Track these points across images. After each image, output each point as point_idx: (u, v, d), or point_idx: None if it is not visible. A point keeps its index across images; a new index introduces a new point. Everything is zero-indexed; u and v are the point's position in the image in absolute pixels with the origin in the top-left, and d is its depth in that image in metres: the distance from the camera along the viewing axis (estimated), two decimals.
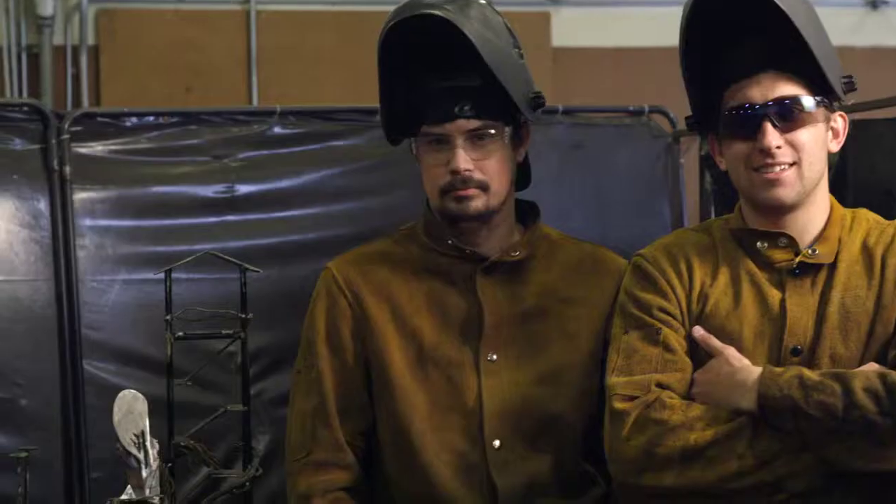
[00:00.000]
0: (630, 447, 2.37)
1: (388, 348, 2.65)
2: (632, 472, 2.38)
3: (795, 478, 2.30)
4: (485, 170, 2.62)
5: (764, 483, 2.31)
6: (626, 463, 2.38)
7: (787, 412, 2.28)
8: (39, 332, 4.15)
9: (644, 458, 2.35)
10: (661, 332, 2.44)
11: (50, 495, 4.03)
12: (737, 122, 2.44)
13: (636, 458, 2.36)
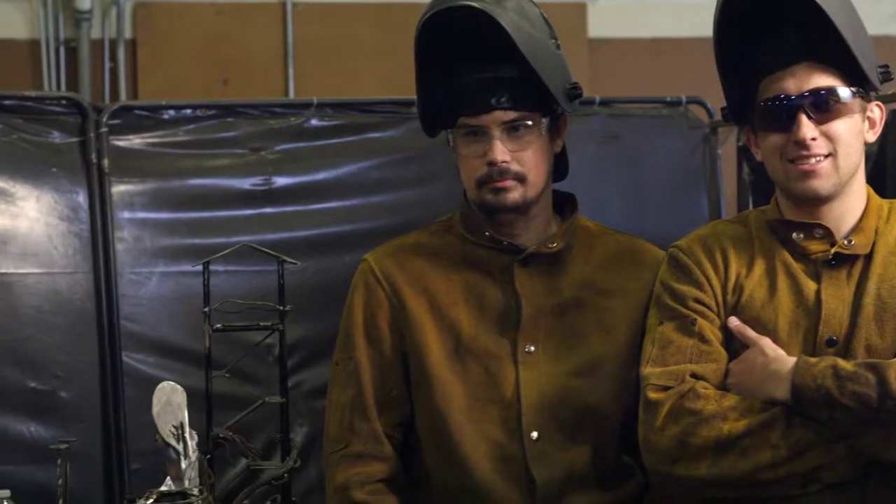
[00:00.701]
0: (664, 437, 2.36)
1: (426, 340, 2.65)
2: (665, 462, 2.37)
3: (829, 469, 2.29)
4: (522, 161, 2.62)
5: (797, 474, 2.30)
6: (660, 453, 2.38)
7: (821, 402, 2.27)
8: (79, 324, 4.17)
9: (678, 448, 2.35)
10: (697, 323, 2.44)
11: (90, 487, 4.05)
12: (772, 113, 2.43)
13: (670, 448, 2.36)
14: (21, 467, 3.97)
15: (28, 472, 3.95)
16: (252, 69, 5.79)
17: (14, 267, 4.12)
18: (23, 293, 4.12)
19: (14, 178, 4.17)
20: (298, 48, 5.82)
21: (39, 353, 4.12)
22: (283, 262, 3.24)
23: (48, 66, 5.78)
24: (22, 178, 4.18)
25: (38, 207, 4.17)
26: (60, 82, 5.81)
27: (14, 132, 4.20)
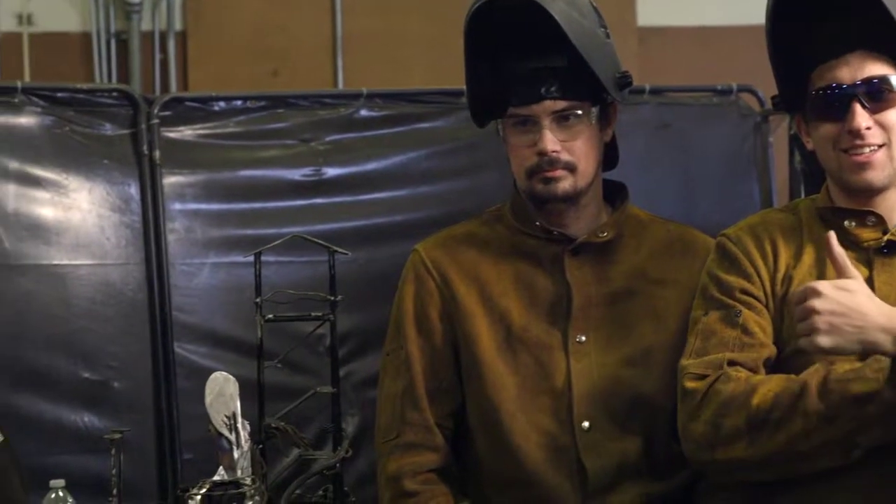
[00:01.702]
0: (699, 424, 2.35)
1: (477, 330, 2.66)
2: (704, 449, 2.36)
3: (864, 432, 2.25)
4: (572, 151, 2.62)
5: (833, 441, 2.26)
6: (697, 440, 2.36)
7: None
8: (131, 315, 4.19)
9: (713, 432, 2.33)
10: (741, 315, 2.42)
11: (143, 476, 4.07)
12: (824, 102, 2.42)
13: (705, 433, 2.34)
14: (75, 457, 4.00)
15: (82, 461, 3.98)
16: (301, 60, 5.80)
17: (67, 258, 4.15)
18: (75, 284, 4.14)
19: (66, 170, 4.19)
20: (347, 39, 5.83)
21: (92, 344, 4.14)
22: (334, 252, 3.25)
23: (99, 59, 5.82)
24: (74, 170, 4.21)
25: (91, 199, 4.20)
26: (111, 74, 5.85)
27: (66, 124, 4.22)
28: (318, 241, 3.26)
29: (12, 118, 4.16)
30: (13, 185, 4.12)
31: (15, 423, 3.10)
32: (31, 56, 5.75)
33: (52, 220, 4.14)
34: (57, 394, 4.07)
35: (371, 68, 5.72)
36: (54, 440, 4.03)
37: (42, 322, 4.10)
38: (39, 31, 5.80)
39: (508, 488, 2.62)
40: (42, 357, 4.07)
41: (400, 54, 5.72)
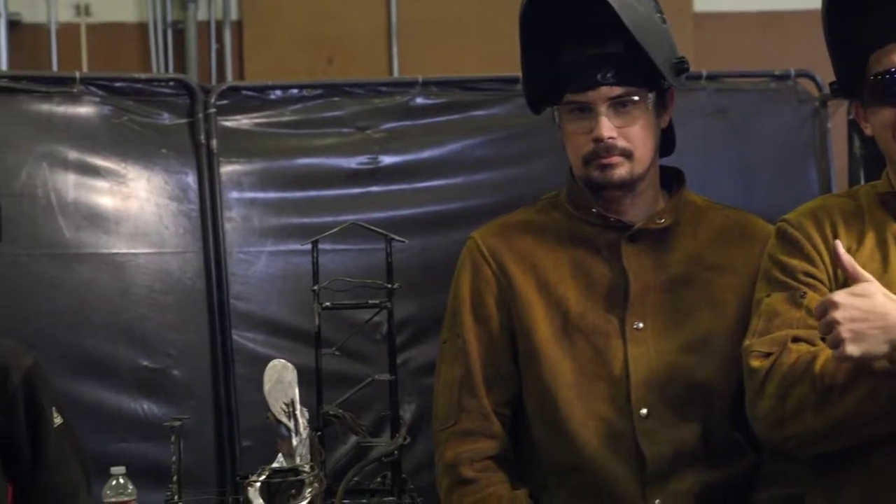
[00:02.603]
0: (764, 400, 2.32)
1: (534, 317, 2.65)
2: (773, 426, 2.32)
3: None
4: (628, 137, 2.61)
5: None
6: (765, 417, 2.33)
7: None
8: (189, 303, 4.22)
9: (779, 406, 2.29)
10: (806, 296, 2.39)
11: (202, 464, 4.10)
12: (882, 87, 2.39)
13: (772, 408, 2.30)
14: (135, 444, 4.03)
15: (142, 449, 4.01)
16: (356, 48, 5.82)
17: (126, 247, 4.18)
18: (134, 273, 4.18)
19: (125, 160, 4.22)
20: (402, 26, 5.83)
21: (151, 332, 4.17)
22: (392, 240, 3.25)
23: (156, 49, 5.85)
24: (132, 160, 4.24)
25: (149, 188, 4.23)
26: (168, 64, 5.89)
27: (124, 114, 4.25)
28: (376, 229, 3.27)
29: (71, 108, 4.20)
30: (72, 174, 4.16)
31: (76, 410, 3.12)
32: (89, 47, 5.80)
33: (110, 210, 4.18)
34: (117, 382, 4.10)
35: (426, 56, 5.73)
36: (114, 428, 4.06)
37: (102, 310, 4.14)
38: (97, 22, 5.85)
39: (566, 475, 2.61)
40: (102, 345, 4.10)
41: (455, 41, 5.72)
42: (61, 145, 4.18)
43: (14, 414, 2.67)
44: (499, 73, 4.50)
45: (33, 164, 4.13)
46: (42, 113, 4.20)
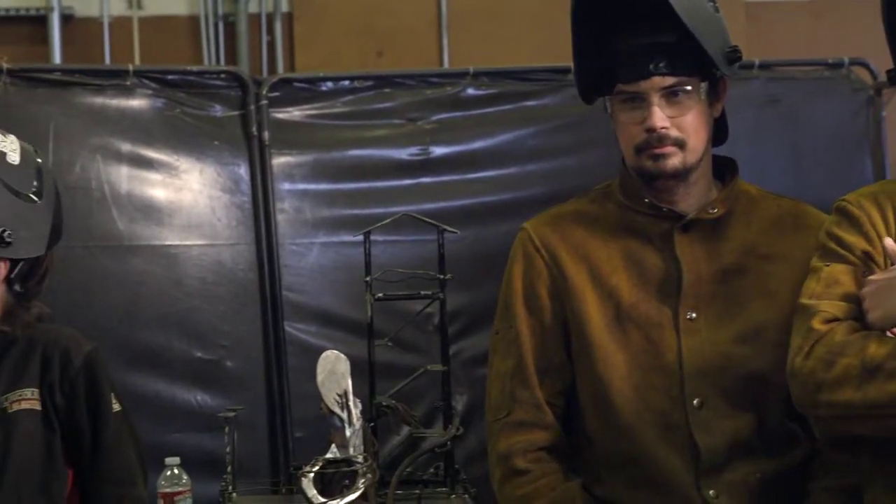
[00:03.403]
0: (810, 360, 2.27)
1: (586, 308, 2.64)
2: (811, 389, 2.28)
3: None
4: (681, 127, 2.59)
5: None
6: (805, 378, 2.28)
7: None
8: (242, 294, 4.25)
9: (823, 370, 2.25)
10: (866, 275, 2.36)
11: (255, 454, 4.13)
12: None
13: (814, 370, 2.27)
14: (189, 435, 4.07)
15: (196, 439, 4.04)
16: (407, 39, 5.80)
17: (179, 239, 4.21)
18: (188, 265, 4.21)
19: (178, 152, 4.25)
20: (452, 17, 5.82)
21: (204, 324, 4.20)
22: (443, 231, 3.26)
23: (207, 42, 5.87)
24: (185, 152, 4.27)
25: (202, 180, 4.25)
26: (220, 57, 5.90)
27: (177, 106, 4.28)
28: (428, 220, 3.28)
29: (124, 101, 4.23)
30: (126, 167, 4.19)
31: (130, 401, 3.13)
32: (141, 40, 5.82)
33: (163, 202, 4.21)
34: (171, 373, 4.13)
35: (476, 47, 5.71)
36: (168, 419, 4.10)
37: (155, 302, 4.17)
38: (149, 15, 5.86)
39: (620, 466, 2.61)
40: (156, 337, 4.14)
41: (506, 32, 5.70)
42: (115, 138, 4.21)
43: (75, 398, 2.70)
44: (550, 63, 4.50)
45: (87, 156, 4.17)
46: (95, 106, 4.23)
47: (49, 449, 2.68)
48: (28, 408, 2.65)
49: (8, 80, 4.17)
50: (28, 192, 2.68)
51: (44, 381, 2.68)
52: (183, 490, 3.51)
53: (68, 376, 2.69)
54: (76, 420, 2.71)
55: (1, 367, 2.67)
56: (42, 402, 2.67)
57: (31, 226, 2.68)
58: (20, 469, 2.63)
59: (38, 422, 2.66)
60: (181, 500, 3.48)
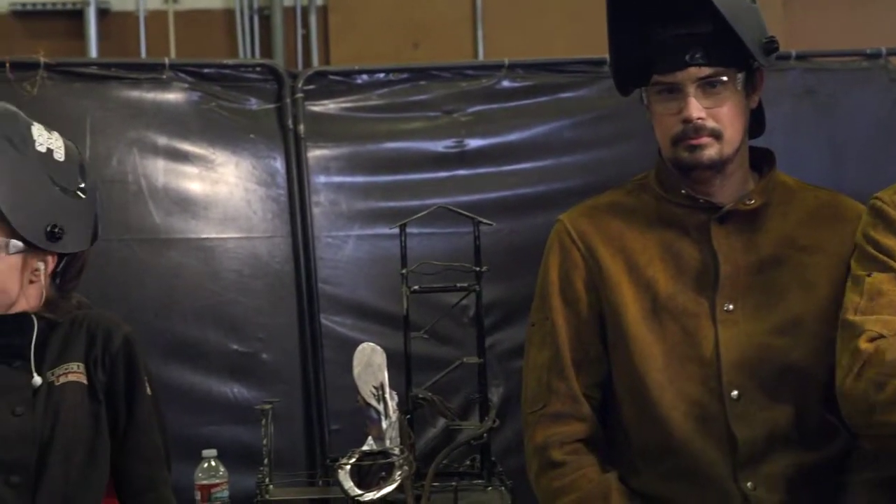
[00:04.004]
0: (860, 382, 2.28)
1: (623, 299, 2.64)
2: (862, 411, 2.30)
3: None
4: (717, 118, 2.58)
5: None
6: (856, 400, 2.30)
7: None
8: (278, 287, 4.25)
9: (874, 392, 2.26)
10: None
11: (292, 447, 4.13)
12: None
13: (866, 392, 2.28)
14: (225, 427, 4.08)
15: (232, 431, 4.05)
16: (441, 32, 5.81)
17: (215, 232, 4.22)
18: (224, 257, 4.22)
19: (213, 145, 4.26)
20: (487, 9, 5.82)
21: (241, 316, 4.21)
22: (479, 223, 3.25)
23: (242, 35, 5.89)
24: (221, 145, 4.27)
25: (237, 173, 4.26)
26: (255, 50, 5.92)
27: (213, 100, 4.29)
28: (463, 212, 3.28)
29: (160, 94, 4.24)
30: (162, 160, 4.21)
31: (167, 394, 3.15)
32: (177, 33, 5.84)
33: (199, 195, 4.22)
34: (207, 365, 4.15)
35: (511, 38, 5.71)
36: (205, 411, 4.11)
37: (191, 295, 4.18)
38: (184, 9, 5.89)
39: (657, 458, 2.60)
40: (192, 329, 4.15)
41: (541, 23, 5.70)
42: (151, 131, 4.22)
43: (114, 374, 2.77)
44: (585, 55, 4.48)
45: (123, 150, 4.18)
46: (132, 99, 4.25)
47: (95, 419, 2.74)
48: (74, 380, 2.72)
49: (45, 74, 4.18)
50: (74, 189, 2.75)
51: (88, 355, 2.76)
52: (220, 482, 3.52)
53: (109, 353, 2.76)
54: (114, 396, 2.78)
55: (46, 347, 2.74)
56: (87, 376, 2.73)
57: (77, 221, 2.75)
58: (69, 436, 2.69)
59: (84, 393, 2.73)
60: (218, 492, 3.50)
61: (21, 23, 5.81)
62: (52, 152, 2.73)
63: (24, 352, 2.71)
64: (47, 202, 2.70)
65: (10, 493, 2.65)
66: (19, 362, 2.71)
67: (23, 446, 2.66)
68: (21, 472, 2.66)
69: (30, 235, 2.67)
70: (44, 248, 2.71)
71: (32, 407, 2.68)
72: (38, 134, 2.72)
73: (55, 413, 2.69)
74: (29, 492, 2.66)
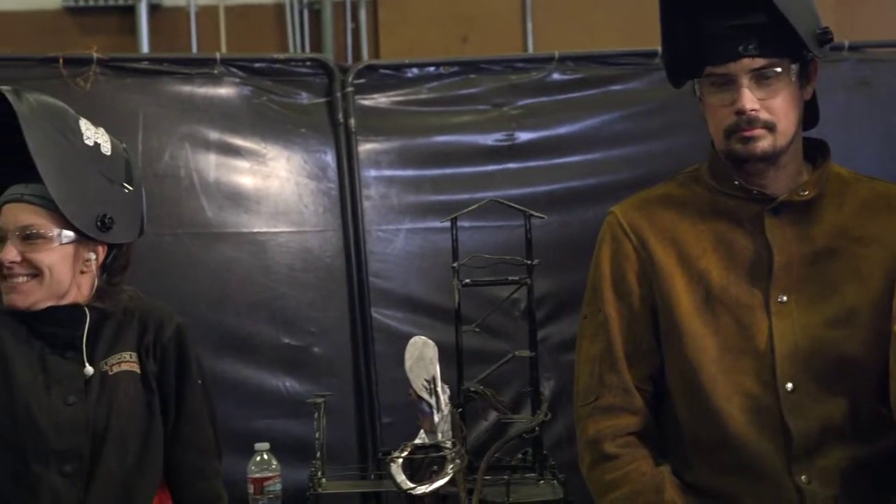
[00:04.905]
0: None
1: (675, 291, 2.62)
2: None
3: None
4: (771, 109, 2.56)
5: None
6: None
7: None
8: (329, 281, 4.27)
9: None
10: None
11: (343, 440, 4.15)
12: None
13: None
14: (277, 421, 4.09)
15: (284, 425, 4.07)
16: (491, 25, 5.81)
17: (266, 226, 4.24)
18: (275, 251, 4.23)
19: (265, 140, 4.28)
20: (537, 2, 5.82)
21: (292, 310, 4.23)
22: (531, 216, 3.25)
23: (293, 29, 5.91)
24: (272, 139, 4.29)
25: (288, 167, 4.28)
26: (305, 44, 5.94)
27: (263, 94, 4.31)
28: (515, 206, 3.27)
29: (212, 89, 4.27)
30: (213, 154, 4.23)
31: (219, 387, 3.18)
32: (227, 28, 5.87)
33: (251, 189, 4.24)
34: (259, 359, 4.17)
35: (561, 31, 5.70)
36: (257, 404, 4.13)
37: (243, 288, 4.21)
38: (235, 4, 5.92)
39: (710, 451, 2.59)
40: (244, 323, 4.17)
41: (590, 16, 5.69)
42: (202, 126, 4.25)
43: (165, 363, 2.82)
44: (636, 47, 4.47)
45: (176, 145, 4.21)
46: (183, 94, 4.27)
47: (149, 407, 2.80)
48: (127, 369, 2.79)
49: (98, 70, 4.22)
50: (121, 182, 2.79)
51: (140, 344, 2.81)
52: (272, 475, 3.53)
53: (161, 342, 2.81)
54: (165, 385, 2.83)
55: (99, 337, 2.79)
56: (140, 365, 2.77)
57: (125, 213, 2.81)
58: (124, 425, 2.75)
59: (137, 382, 2.79)
60: (270, 485, 3.51)
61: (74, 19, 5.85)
62: (100, 146, 2.78)
63: (76, 342, 2.76)
64: (97, 193, 2.74)
65: (63, 482, 2.70)
66: (72, 353, 2.76)
67: (76, 436, 2.71)
68: (74, 462, 2.71)
69: (82, 225, 2.71)
70: (94, 238, 2.75)
71: (85, 396, 2.72)
72: (85, 128, 2.77)
73: (109, 402, 2.74)
74: (82, 481, 2.71)
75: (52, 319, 2.76)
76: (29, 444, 2.70)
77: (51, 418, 2.70)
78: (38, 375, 2.74)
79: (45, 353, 2.75)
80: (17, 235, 2.72)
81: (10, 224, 2.72)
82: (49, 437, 2.70)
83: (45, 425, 2.70)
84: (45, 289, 2.74)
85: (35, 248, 2.72)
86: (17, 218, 2.72)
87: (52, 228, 2.72)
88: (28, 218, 2.72)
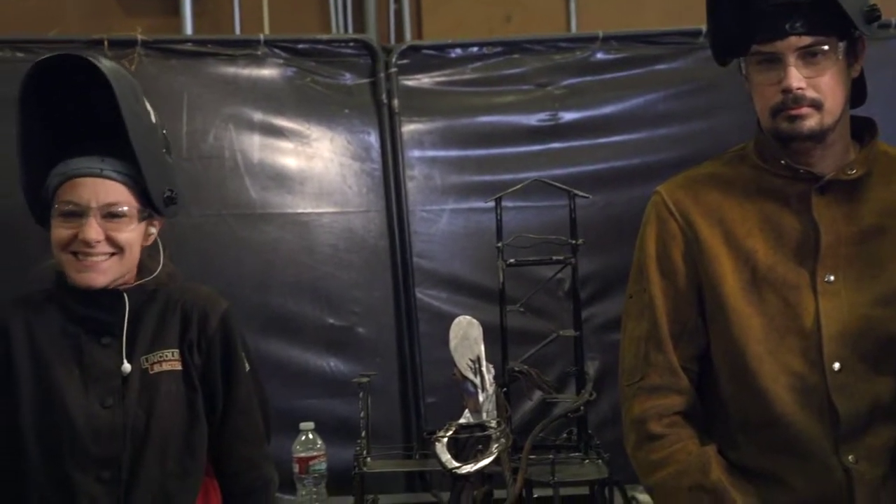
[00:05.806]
0: None
1: (721, 271, 2.61)
2: None
3: None
4: (818, 87, 2.54)
5: None
6: None
7: None
8: (373, 261, 4.27)
9: None
10: None
11: (388, 420, 4.15)
12: None
13: None
14: (322, 401, 4.10)
15: (329, 405, 4.08)
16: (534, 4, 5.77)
17: (310, 207, 4.24)
18: (319, 232, 4.24)
19: (308, 120, 4.28)
20: None
21: (336, 291, 4.24)
22: (575, 195, 3.24)
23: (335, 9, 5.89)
24: (316, 120, 4.29)
25: (332, 148, 4.28)
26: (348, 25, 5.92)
27: (307, 75, 4.31)
28: (559, 185, 3.26)
29: (256, 70, 4.27)
30: (258, 135, 4.23)
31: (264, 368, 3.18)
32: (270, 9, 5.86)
33: (295, 170, 4.24)
34: (303, 339, 4.17)
35: (604, 10, 5.66)
36: (302, 384, 4.14)
37: (288, 269, 4.21)
38: None
39: (756, 431, 2.58)
40: (289, 303, 4.18)
41: None
42: (246, 107, 4.25)
43: (211, 357, 2.77)
44: (680, 26, 4.44)
45: (220, 126, 4.21)
46: (227, 76, 4.28)
47: (191, 407, 2.76)
48: (169, 369, 2.73)
49: (142, 51, 4.23)
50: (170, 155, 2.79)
51: (183, 340, 2.76)
52: (318, 454, 3.55)
53: (206, 336, 2.76)
54: (211, 379, 2.78)
55: (139, 326, 2.75)
56: (182, 362, 2.74)
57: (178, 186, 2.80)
58: (165, 428, 2.70)
59: (179, 381, 2.73)
60: (316, 465, 3.52)
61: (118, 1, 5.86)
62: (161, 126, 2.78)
63: (114, 329, 2.71)
64: (163, 168, 2.74)
65: (100, 488, 2.65)
66: (108, 339, 2.71)
67: (114, 441, 2.65)
68: (112, 468, 2.65)
69: (157, 201, 2.69)
70: (162, 213, 2.74)
71: (122, 397, 2.68)
72: (146, 104, 2.75)
73: (149, 406, 2.69)
74: (121, 487, 2.65)
75: (93, 301, 2.70)
76: (66, 447, 2.63)
77: (88, 422, 2.64)
78: (75, 370, 2.67)
79: (82, 342, 2.69)
80: (100, 213, 2.65)
81: (92, 201, 2.64)
82: (87, 443, 2.63)
83: (82, 429, 2.63)
84: (122, 266, 2.70)
85: (118, 227, 2.66)
86: (98, 194, 2.65)
87: (134, 206, 2.67)
88: (111, 195, 2.65)
